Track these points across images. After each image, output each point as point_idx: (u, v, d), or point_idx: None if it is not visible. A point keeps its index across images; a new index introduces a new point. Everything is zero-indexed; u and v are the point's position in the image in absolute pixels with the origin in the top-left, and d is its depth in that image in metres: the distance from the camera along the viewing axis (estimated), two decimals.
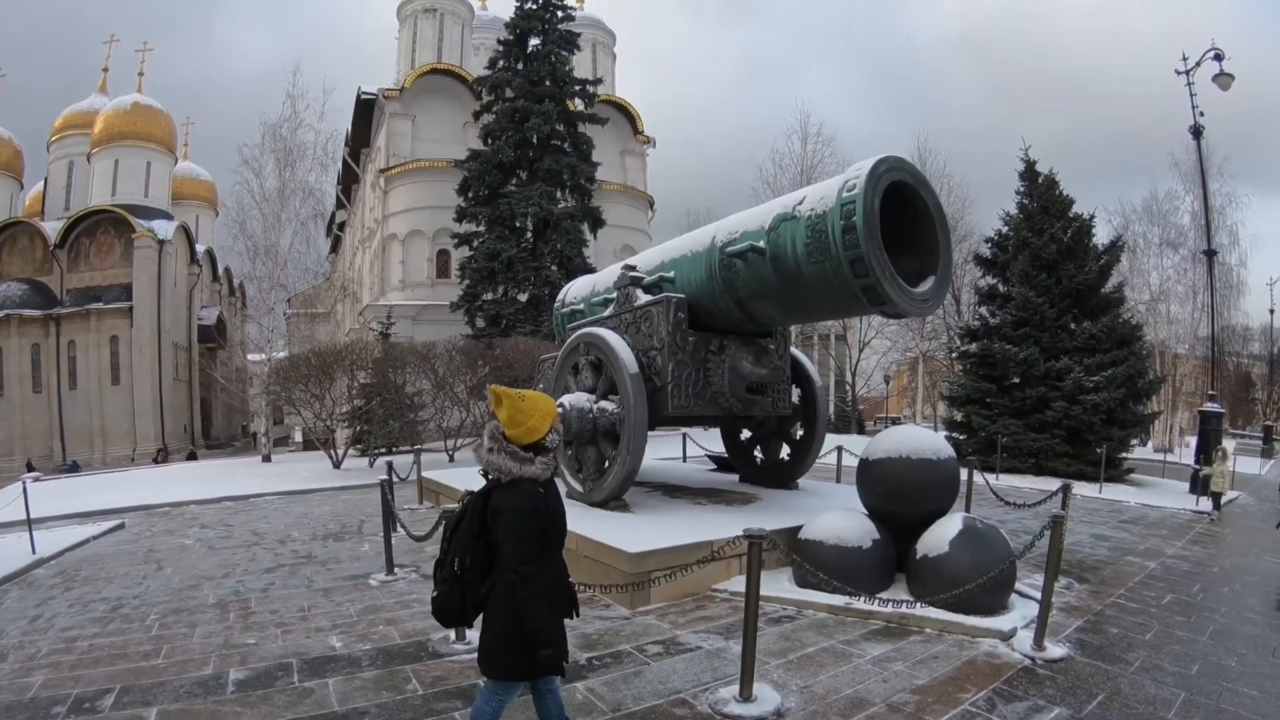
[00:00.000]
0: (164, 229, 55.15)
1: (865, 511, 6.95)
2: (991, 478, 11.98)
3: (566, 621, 3.57)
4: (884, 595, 6.02)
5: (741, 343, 8.40)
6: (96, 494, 18.77)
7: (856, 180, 6.37)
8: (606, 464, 8.41)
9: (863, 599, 5.68)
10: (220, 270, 62.13)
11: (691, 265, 8.34)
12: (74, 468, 44.92)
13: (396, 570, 8.27)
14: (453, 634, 5.73)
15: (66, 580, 9.20)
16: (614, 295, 9.33)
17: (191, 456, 46.77)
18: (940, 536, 6.11)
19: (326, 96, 31.03)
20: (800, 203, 6.97)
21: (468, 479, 11.51)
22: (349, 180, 53.35)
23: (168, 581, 8.67)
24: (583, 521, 7.74)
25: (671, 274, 8.64)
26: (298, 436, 23.58)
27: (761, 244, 7.19)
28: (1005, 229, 21.04)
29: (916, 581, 6.25)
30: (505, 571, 3.31)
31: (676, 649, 5.60)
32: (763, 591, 6.13)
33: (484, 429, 3.60)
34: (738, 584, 6.04)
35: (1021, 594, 6.41)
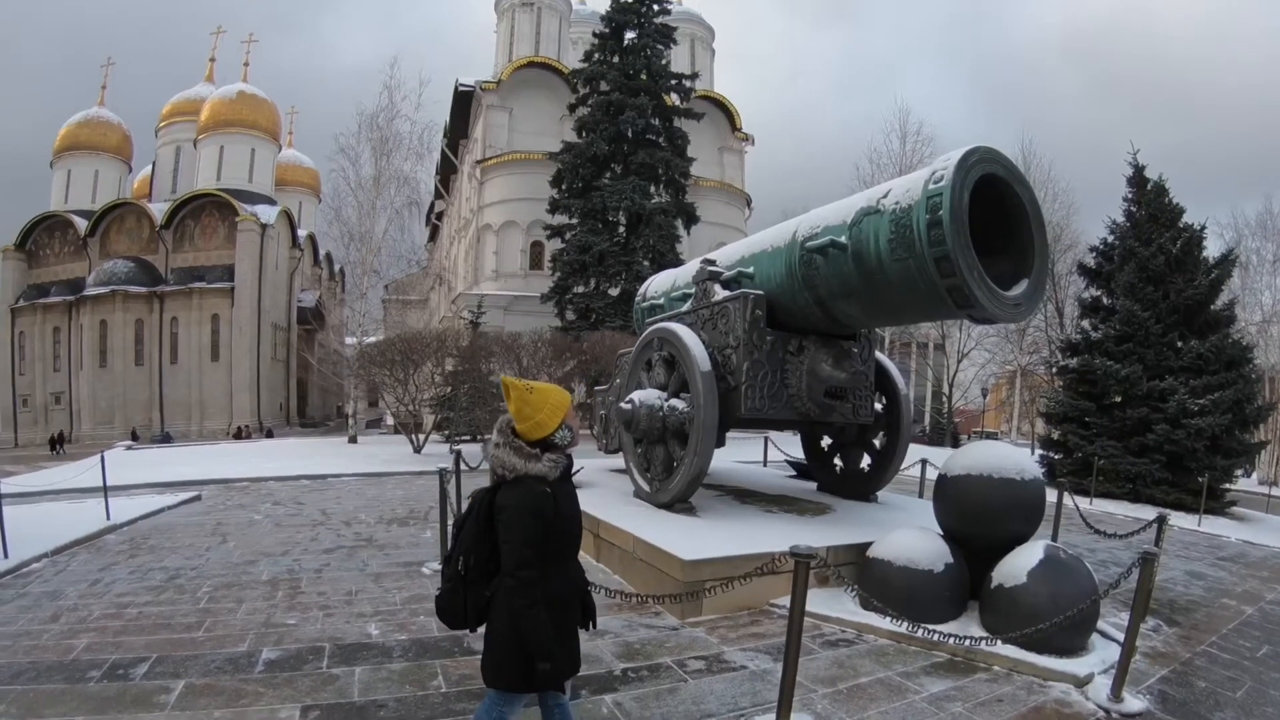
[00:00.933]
0: (267, 213, 57.35)
1: (940, 532, 6.38)
2: (1084, 501, 11.24)
3: (599, 631, 3.36)
4: (952, 626, 5.62)
5: (822, 344, 7.87)
6: (183, 465, 19.36)
7: (944, 172, 5.83)
8: (675, 464, 8.03)
9: (928, 628, 5.21)
10: (321, 255, 63.62)
11: (771, 261, 7.87)
12: (166, 438, 46.99)
13: None
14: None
15: (133, 547, 9.41)
16: (693, 290, 8.95)
17: (269, 434, 48.12)
18: (1019, 565, 5.55)
19: (422, 88, 31.48)
20: (885, 195, 6.46)
21: None
22: (447, 171, 54.12)
23: (228, 555, 8.81)
24: (643, 523, 7.47)
25: (751, 269, 8.18)
26: (389, 420, 23.86)
27: (843, 239, 6.69)
28: (1111, 237, 19.98)
29: (990, 612, 5.70)
30: (504, 575, 3.05)
31: (719, 667, 5.23)
32: (823, 610, 5.71)
33: (496, 425, 3.33)
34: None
35: (1104, 634, 5.81)
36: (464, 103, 46.50)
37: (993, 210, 6.15)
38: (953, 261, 5.71)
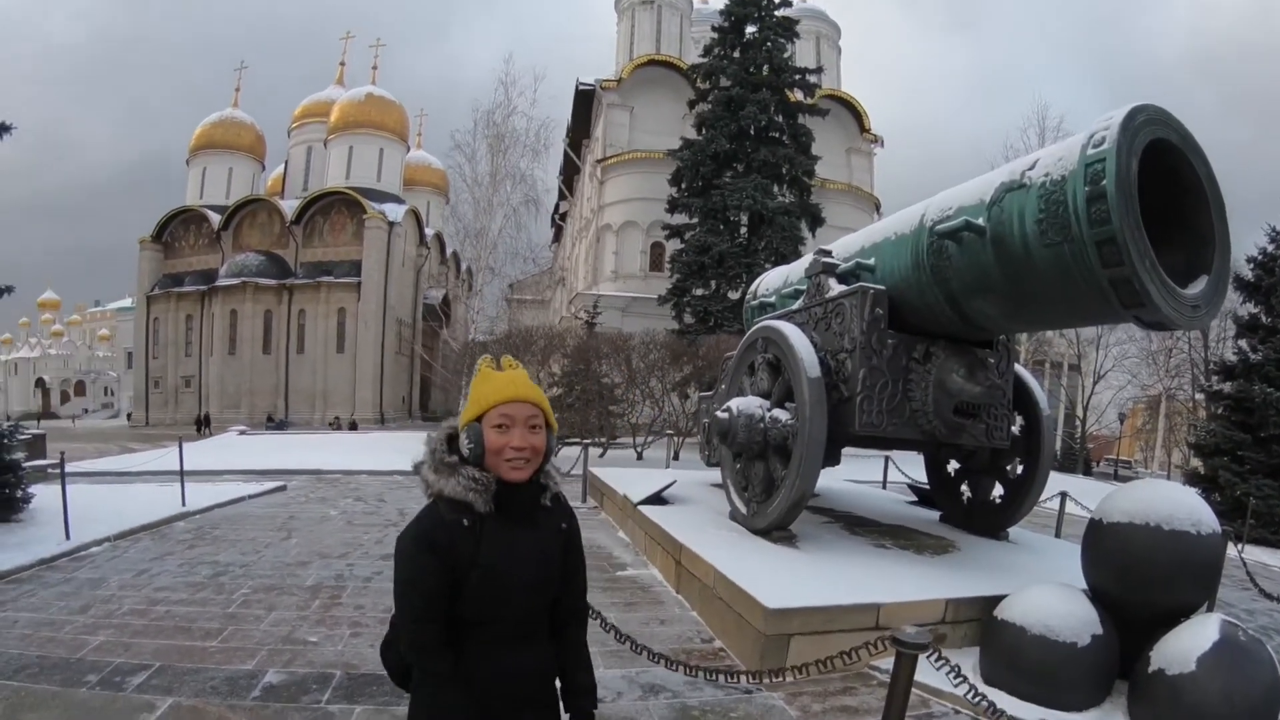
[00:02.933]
0: (394, 211, 58.85)
1: (1088, 591, 5.06)
2: (1235, 549, 9.45)
3: (654, 687, 2.36)
4: (1093, 715, 4.49)
5: (953, 351, 6.59)
6: (285, 453, 19.55)
7: (1105, 133, 4.54)
8: (776, 484, 6.93)
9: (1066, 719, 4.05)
10: (448, 253, 64.47)
11: (895, 250, 6.64)
12: (279, 425, 49.22)
13: None
14: None
15: (196, 537, 9.38)
16: (805, 286, 7.80)
17: (353, 427, 48.79)
18: (1186, 648, 4.21)
19: (538, 83, 31.27)
20: (1031, 167, 5.19)
21: (638, 480, 10.49)
22: (570, 171, 54.32)
23: (284, 554, 8.60)
24: (730, 553, 6.43)
25: (871, 261, 6.95)
26: None
27: (980, 221, 5.41)
28: (1271, 246, 17.82)
29: (1143, 703, 4.39)
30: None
31: None
32: (933, 682, 4.51)
33: None
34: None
35: None
36: (585, 103, 46.58)
37: (1162, 188, 4.83)
38: (1120, 246, 4.42)
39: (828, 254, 7.57)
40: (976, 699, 3.13)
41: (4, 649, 5.29)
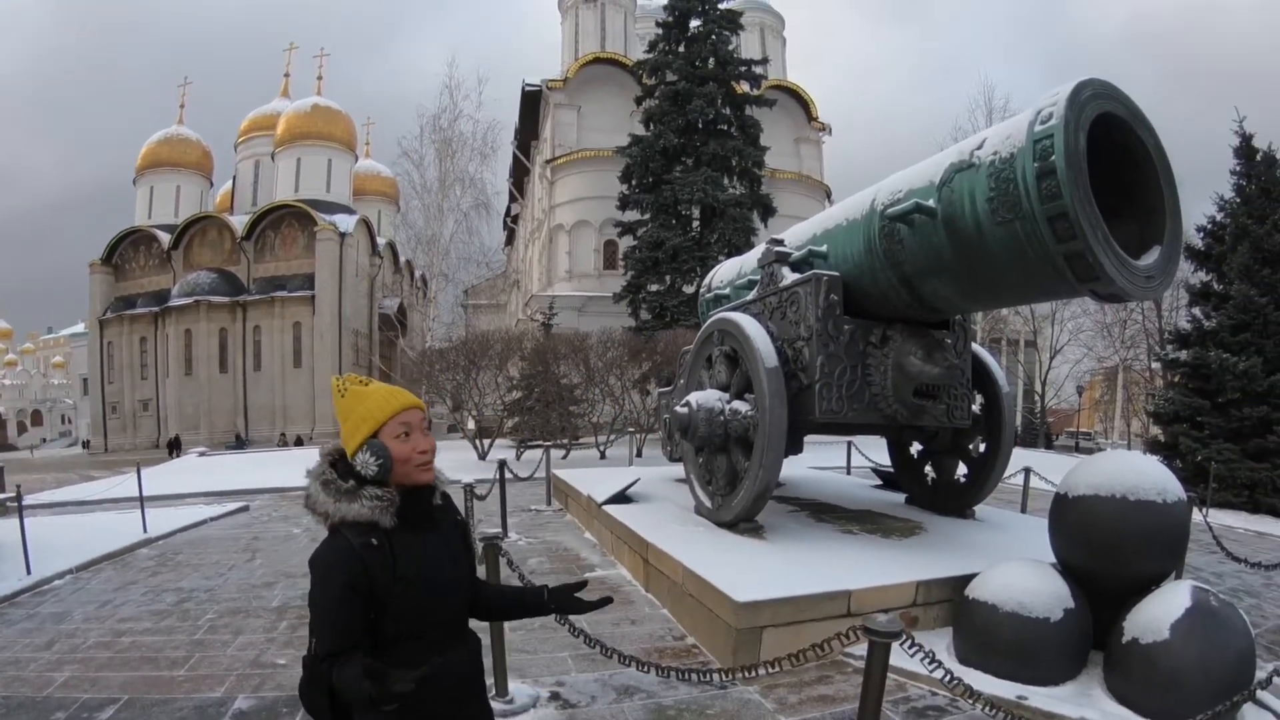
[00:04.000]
0: (345, 222, 58.17)
1: (1057, 565, 5.06)
2: (1199, 513, 9.42)
3: (628, 689, 2.42)
4: (1069, 688, 4.50)
5: (909, 334, 6.55)
6: (246, 473, 19.20)
7: (1053, 109, 4.54)
8: (740, 476, 6.89)
9: (1043, 694, 4.13)
10: (401, 262, 64.21)
11: (847, 236, 6.62)
12: (239, 444, 48.52)
13: None
14: (493, 687, 4.50)
15: (159, 564, 9.36)
16: (759, 276, 7.75)
17: (299, 443, 48.20)
18: (1159, 615, 4.24)
19: (482, 85, 31.38)
20: (980, 146, 5.18)
21: (601, 480, 10.36)
22: (520, 174, 54.22)
23: (249, 575, 8.56)
24: (697, 549, 6.38)
25: (824, 248, 6.91)
26: (471, 425, 23.51)
27: (931, 202, 5.38)
28: (1220, 215, 17.90)
29: (1118, 672, 4.42)
30: (313, 663, 2.07)
31: None
32: (908, 664, 4.49)
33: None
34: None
35: (1261, 705, 4.38)
36: (532, 104, 46.33)
37: (1110, 161, 4.83)
38: (1072, 221, 4.40)
39: (780, 243, 7.51)
40: (952, 681, 3.09)
41: None
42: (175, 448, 46.85)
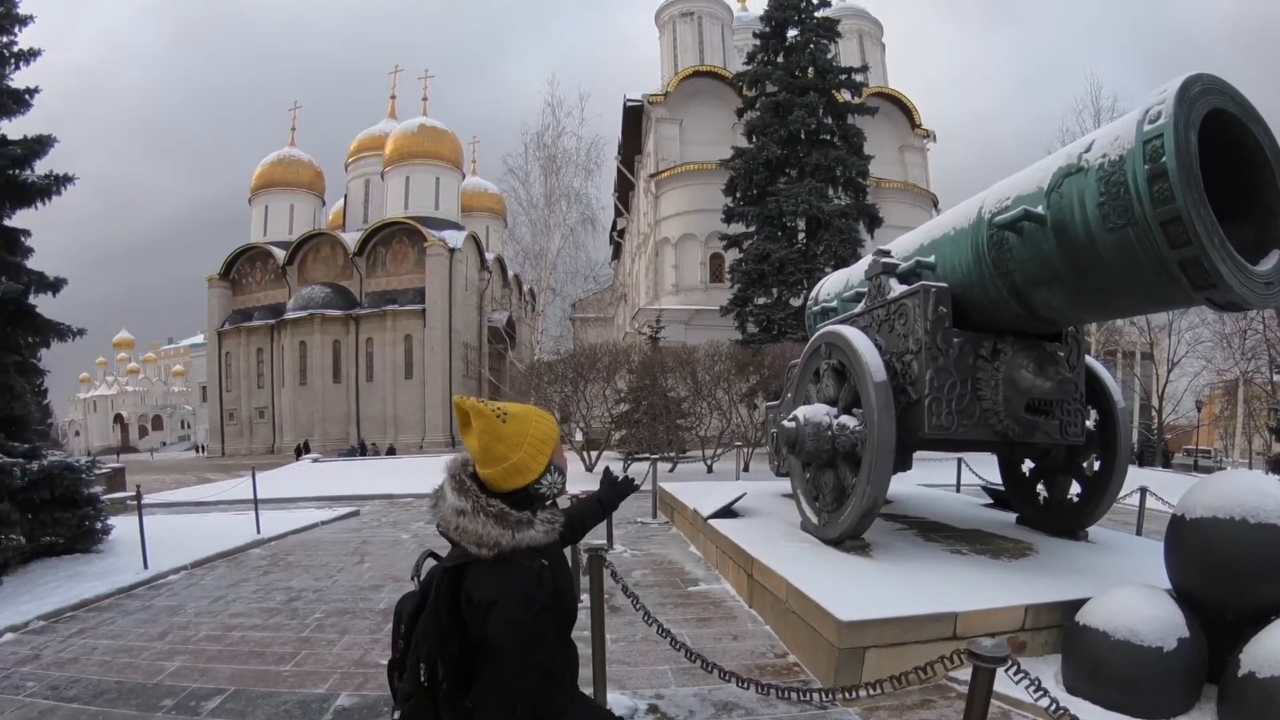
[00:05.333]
0: (454, 238, 60.18)
1: (1172, 591, 4.78)
2: None
3: (726, 705, 2.55)
4: None
5: (1021, 346, 6.35)
6: (357, 479, 19.68)
7: (1161, 107, 4.34)
8: (847, 493, 6.73)
9: None
10: (510, 276, 65.31)
11: (955, 245, 6.47)
12: (351, 452, 49.58)
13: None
14: (594, 696, 4.47)
15: (271, 563, 9.66)
16: (866, 288, 7.58)
17: (390, 452, 48.93)
18: (1278, 648, 3.99)
19: (584, 102, 31.45)
20: (1088, 149, 4.99)
21: (707, 494, 10.33)
22: (625, 188, 54.52)
23: (357, 577, 8.76)
24: (802, 565, 6.25)
25: (932, 258, 6.76)
26: (579, 437, 23.69)
27: (1039, 209, 5.22)
28: None
29: (1234, 706, 4.14)
30: (513, 694, 2.00)
31: None
32: (1012, 693, 4.35)
33: (446, 467, 2.25)
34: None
35: None
36: (635, 119, 46.70)
37: (1224, 160, 4.55)
38: (1186, 225, 4.19)
39: (887, 254, 7.37)
40: (1058, 711, 2.97)
41: (84, 675, 5.50)
42: (305, 450, 48.33)
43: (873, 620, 4.91)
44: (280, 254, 62.91)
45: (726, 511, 9.02)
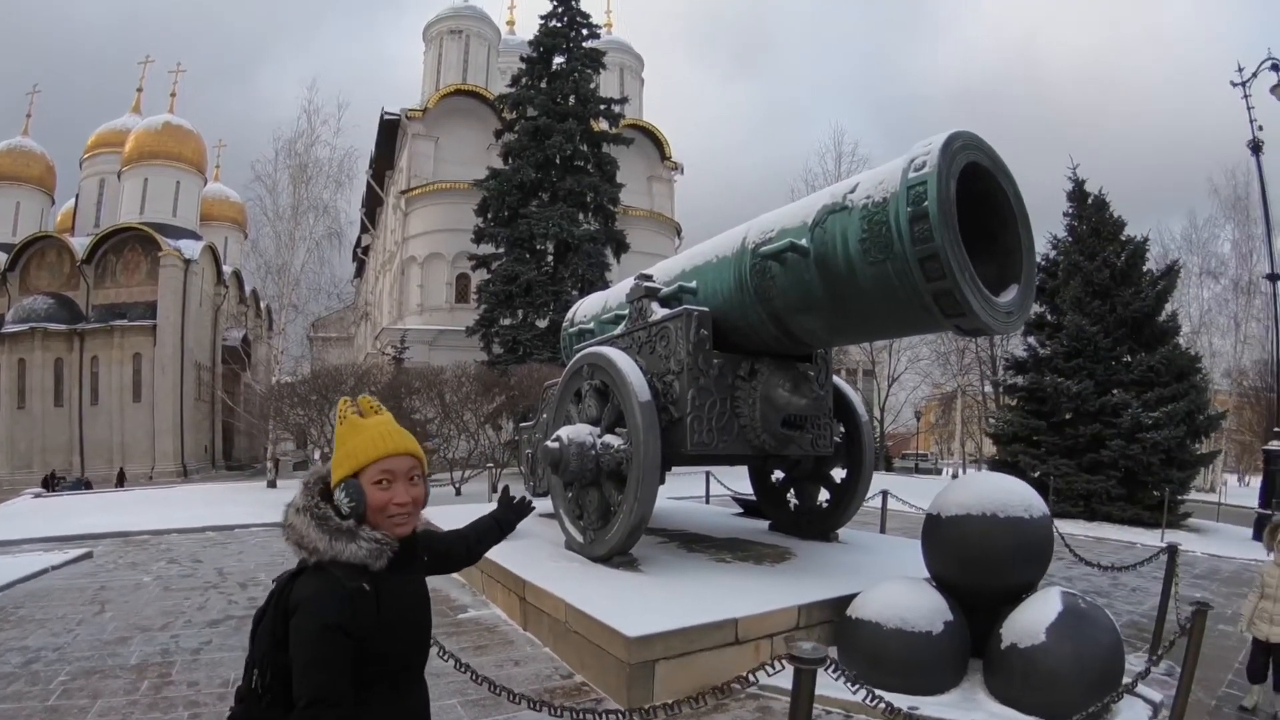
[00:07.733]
0: (190, 248, 55.05)
1: (931, 580, 5.39)
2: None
3: None
4: (954, 695, 4.78)
5: (776, 367, 6.85)
6: (85, 517, 18.09)
7: (926, 158, 4.90)
8: (612, 510, 6.93)
9: (932, 703, 4.43)
10: (247, 292, 61.91)
11: (718, 272, 6.87)
12: (75, 485, 44.32)
13: None
14: None
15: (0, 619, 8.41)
16: (626, 311, 7.86)
17: (121, 478, 46.25)
18: (1034, 620, 4.61)
19: (342, 111, 30.19)
20: (852, 190, 5.50)
21: (463, 517, 10.09)
22: (373, 203, 53.31)
23: (100, 630, 7.70)
24: (577, 584, 6.34)
25: (694, 284, 7.15)
26: (319, 460, 22.70)
27: (804, 242, 5.68)
28: (1053, 253, 19.58)
29: (1000, 676, 4.74)
30: (295, 708, 1.85)
31: None
32: (828, 691, 4.64)
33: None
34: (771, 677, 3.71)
35: (1131, 693, 4.85)
36: (390, 133, 45.85)
37: (972, 206, 5.17)
38: (941, 261, 4.73)
39: (649, 278, 7.65)
40: (875, 701, 3.25)
41: None
42: (52, 482, 43.35)
43: (659, 634, 5.03)
44: (1, 258, 55.43)
45: None
